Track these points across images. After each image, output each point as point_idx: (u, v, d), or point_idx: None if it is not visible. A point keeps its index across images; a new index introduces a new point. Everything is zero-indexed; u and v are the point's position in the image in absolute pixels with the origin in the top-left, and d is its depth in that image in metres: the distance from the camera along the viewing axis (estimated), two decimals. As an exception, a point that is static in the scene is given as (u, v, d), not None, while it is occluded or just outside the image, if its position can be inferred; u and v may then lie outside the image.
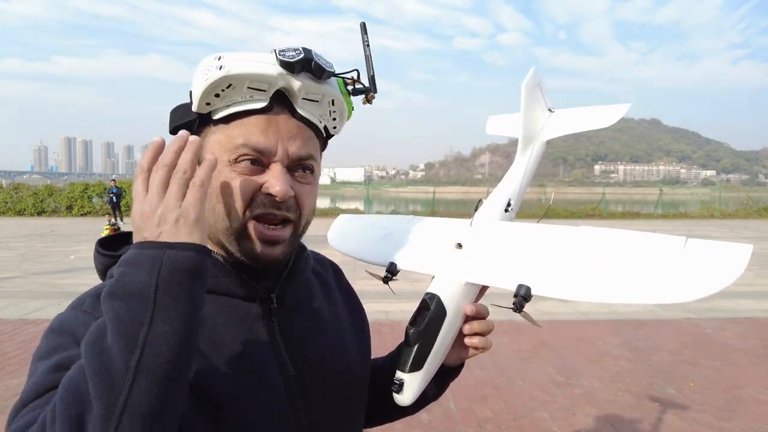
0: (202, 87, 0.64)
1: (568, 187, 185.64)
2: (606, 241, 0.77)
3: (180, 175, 0.56)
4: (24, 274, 8.12)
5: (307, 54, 0.65)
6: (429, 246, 0.94)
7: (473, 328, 0.83)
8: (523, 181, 1.05)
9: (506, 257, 0.83)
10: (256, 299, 0.73)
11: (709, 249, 0.68)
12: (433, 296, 0.80)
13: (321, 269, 0.91)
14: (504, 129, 1.25)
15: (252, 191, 0.67)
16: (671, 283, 0.67)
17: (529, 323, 0.81)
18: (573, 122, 1.13)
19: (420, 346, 0.78)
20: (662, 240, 0.72)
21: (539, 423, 3.24)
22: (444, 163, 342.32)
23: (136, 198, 0.56)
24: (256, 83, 0.64)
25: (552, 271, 0.77)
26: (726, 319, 5.74)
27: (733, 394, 3.69)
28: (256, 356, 0.70)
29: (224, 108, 0.66)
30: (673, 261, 0.69)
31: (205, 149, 0.69)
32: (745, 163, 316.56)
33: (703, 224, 18.29)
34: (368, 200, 24.25)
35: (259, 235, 0.68)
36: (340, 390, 0.78)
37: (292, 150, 0.67)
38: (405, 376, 0.79)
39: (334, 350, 0.79)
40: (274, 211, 0.67)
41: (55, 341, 0.61)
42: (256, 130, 0.66)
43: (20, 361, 4.15)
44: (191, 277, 0.52)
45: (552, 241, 0.81)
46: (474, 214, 0.94)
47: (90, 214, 20.54)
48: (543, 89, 1.14)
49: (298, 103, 0.68)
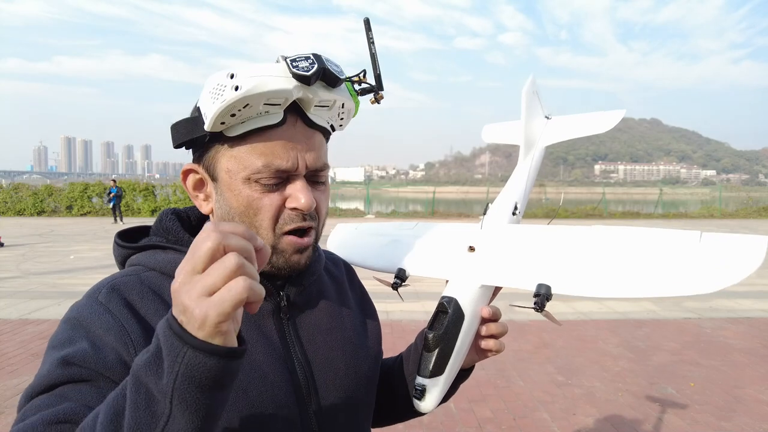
0: (217, 108, 0.61)
1: (569, 187, 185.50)
2: (621, 239, 0.77)
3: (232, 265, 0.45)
4: (24, 274, 8.12)
5: (320, 63, 0.64)
6: (438, 251, 0.94)
7: (490, 330, 0.84)
8: (527, 184, 1.07)
9: (521, 258, 0.83)
10: (267, 297, 0.73)
11: (725, 242, 0.69)
12: (450, 300, 0.80)
13: (333, 268, 0.91)
14: (500, 137, 1.28)
15: (277, 208, 0.68)
16: (692, 275, 0.67)
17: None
18: (570, 128, 1.16)
19: (440, 351, 0.78)
20: (678, 235, 0.73)
21: (539, 423, 3.24)
22: (444, 162, 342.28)
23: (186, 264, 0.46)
24: (273, 99, 0.63)
25: (570, 269, 0.77)
26: (726, 318, 5.73)
27: (733, 394, 3.69)
28: (265, 354, 0.70)
29: (239, 125, 0.65)
30: (691, 254, 0.69)
31: (220, 166, 0.68)
32: (745, 162, 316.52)
33: (703, 224, 18.28)
34: (368, 200, 24.23)
35: (293, 247, 0.69)
36: (349, 390, 0.78)
37: (310, 161, 0.68)
38: (427, 382, 0.78)
39: (344, 350, 0.79)
40: (302, 224, 0.69)
41: (67, 333, 0.62)
42: (275, 149, 0.65)
43: (20, 361, 4.15)
44: (209, 389, 0.47)
45: (566, 241, 0.82)
46: (483, 218, 0.96)
47: (90, 214, 20.54)
48: (540, 97, 1.17)
49: (311, 111, 0.68)
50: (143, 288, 0.67)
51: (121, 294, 0.66)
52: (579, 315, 5.79)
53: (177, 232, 0.74)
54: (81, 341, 0.60)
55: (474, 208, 24.39)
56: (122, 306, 0.64)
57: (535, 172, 1.12)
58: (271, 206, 0.67)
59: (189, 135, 0.68)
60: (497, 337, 0.85)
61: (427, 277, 0.93)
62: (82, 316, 0.63)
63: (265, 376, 0.69)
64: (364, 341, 0.85)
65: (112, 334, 0.61)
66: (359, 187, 36.80)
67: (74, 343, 0.60)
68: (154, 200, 21.16)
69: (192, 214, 0.80)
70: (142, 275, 0.69)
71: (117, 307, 0.64)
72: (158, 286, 0.68)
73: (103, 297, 0.65)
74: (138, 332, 0.62)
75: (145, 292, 0.67)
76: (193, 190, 0.73)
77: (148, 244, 0.74)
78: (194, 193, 0.73)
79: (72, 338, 0.61)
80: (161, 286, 0.69)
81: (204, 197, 0.73)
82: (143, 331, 0.63)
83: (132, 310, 0.64)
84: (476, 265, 0.86)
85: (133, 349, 0.61)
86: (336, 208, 22.69)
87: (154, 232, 0.77)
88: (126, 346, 0.61)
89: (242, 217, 0.67)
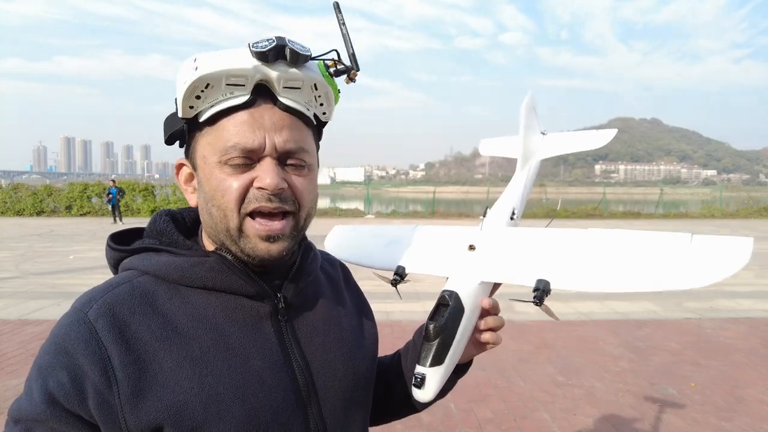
0: (182, 91, 0.64)
1: (569, 187, 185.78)
2: (617, 240, 0.82)
3: None
4: (23, 274, 8.11)
5: (280, 41, 0.64)
6: (438, 250, 0.98)
7: (488, 323, 0.86)
8: (523, 192, 1.13)
9: (520, 257, 0.88)
10: (264, 298, 0.72)
11: (715, 242, 0.74)
12: (451, 293, 0.82)
13: (330, 268, 0.90)
14: (497, 150, 1.37)
15: (244, 188, 0.66)
16: (684, 271, 0.73)
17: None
18: (564, 144, 1.25)
19: (441, 341, 0.80)
20: (670, 236, 0.78)
21: (540, 423, 3.24)
22: (444, 162, 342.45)
23: None
24: (234, 79, 0.63)
25: (568, 266, 0.81)
26: (726, 319, 5.73)
27: (733, 394, 3.69)
28: (263, 358, 0.69)
29: (208, 109, 0.66)
30: (683, 253, 0.75)
31: (197, 154, 0.68)
32: (746, 162, 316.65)
33: (703, 224, 18.29)
34: (368, 200, 24.23)
35: (255, 231, 0.67)
36: (348, 391, 0.78)
37: (279, 142, 0.66)
38: (427, 371, 0.80)
39: (342, 351, 0.79)
40: (266, 204, 0.66)
41: (50, 358, 0.62)
42: (242, 128, 0.65)
43: (20, 362, 4.15)
44: None
45: (564, 242, 0.86)
46: (483, 220, 1.00)
47: (89, 214, 20.54)
48: (537, 113, 1.25)
49: (280, 93, 0.66)
50: (134, 301, 0.66)
51: (112, 310, 0.64)
52: (579, 315, 5.79)
53: (171, 234, 0.73)
54: (61, 371, 0.60)
55: (474, 208, 24.38)
56: (111, 328, 0.62)
57: (531, 183, 1.19)
58: (238, 187, 0.65)
59: (172, 127, 0.70)
60: (495, 330, 0.87)
61: (426, 275, 0.95)
62: (68, 339, 0.62)
63: (263, 381, 0.68)
64: (361, 342, 0.84)
65: (96, 368, 0.60)
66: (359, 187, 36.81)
67: (55, 372, 0.61)
68: (153, 200, 21.16)
69: (187, 216, 0.80)
70: (135, 281, 0.68)
71: (105, 328, 0.62)
72: (151, 293, 0.67)
73: (93, 314, 0.63)
74: (122, 364, 0.61)
75: (136, 306, 0.65)
76: (184, 183, 0.74)
77: (141, 246, 0.73)
78: (185, 187, 0.74)
79: (54, 365, 0.61)
80: (154, 292, 0.68)
81: (192, 190, 0.73)
82: (129, 358, 0.62)
83: (121, 334, 0.63)
84: (476, 262, 0.90)
85: (116, 387, 0.60)
86: (336, 208, 22.68)
87: (148, 234, 0.76)
88: (109, 383, 0.60)
89: (213, 201, 0.67)
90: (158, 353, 0.63)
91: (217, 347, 0.66)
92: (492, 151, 1.37)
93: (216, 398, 0.64)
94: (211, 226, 0.69)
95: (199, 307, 0.68)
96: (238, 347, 0.68)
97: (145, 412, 0.61)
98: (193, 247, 0.73)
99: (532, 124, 1.21)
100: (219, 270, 0.69)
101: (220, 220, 0.67)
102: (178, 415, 0.62)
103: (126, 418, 0.60)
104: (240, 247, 0.68)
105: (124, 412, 0.60)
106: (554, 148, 1.24)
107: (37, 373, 0.62)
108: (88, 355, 0.61)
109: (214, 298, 0.69)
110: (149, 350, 0.63)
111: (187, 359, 0.64)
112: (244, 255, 0.68)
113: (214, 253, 0.71)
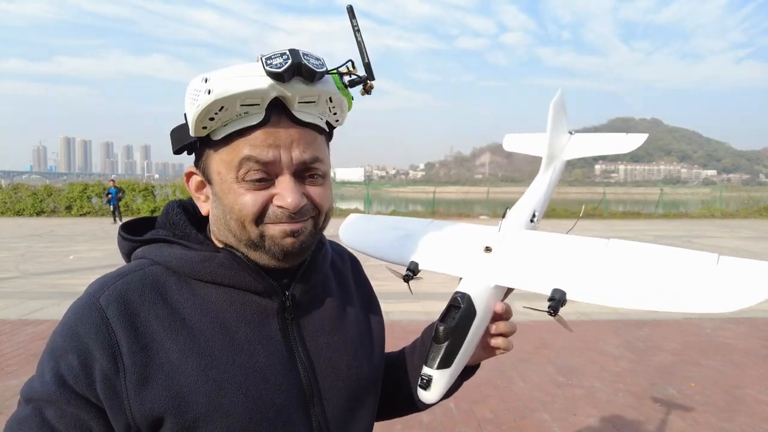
0: (194, 113, 0.62)
1: (569, 187, 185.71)
2: (639, 254, 0.78)
3: None
4: (23, 274, 8.11)
5: (296, 58, 0.61)
6: (454, 248, 0.95)
7: (499, 329, 0.84)
8: (546, 194, 1.09)
9: (537, 263, 0.85)
10: (272, 295, 0.72)
11: (742, 265, 0.70)
12: (464, 295, 0.80)
13: (339, 262, 0.90)
14: (522, 147, 1.30)
15: (263, 204, 0.66)
16: (708, 294, 0.69)
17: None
18: (593, 146, 1.20)
19: (450, 344, 0.78)
20: (695, 255, 0.74)
21: (540, 423, 3.24)
22: (444, 162, 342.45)
23: None
24: (249, 99, 0.62)
25: (586, 277, 0.78)
26: (726, 319, 5.72)
27: (734, 394, 3.68)
28: (268, 356, 0.70)
29: (221, 129, 0.65)
30: (708, 274, 0.71)
31: (211, 170, 0.68)
32: (745, 162, 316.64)
33: (703, 224, 18.28)
34: (368, 200, 24.21)
35: (279, 230, 0.67)
36: (352, 392, 0.78)
37: (296, 156, 0.66)
38: (434, 373, 0.79)
39: (347, 351, 0.79)
40: (289, 222, 0.67)
41: (62, 341, 0.64)
42: (258, 146, 0.64)
43: (19, 362, 4.14)
44: None
45: (584, 251, 0.83)
46: (501, 221, 0.97)
47: (89, 214, 20.52)
48: (566, 112, 1.19)
49: (295, 108, 0.65)
50: (145, 290, 0.67)
51: (123, 297, 0.65)
52: (579, 315, 5.79)
53: (184, 227, 0.75)
54: (72, 355, 0.62)
55: (474, 208, 24.32)
56: (121, 315, 0.64)
57: (555, 184, 1.14)
58: (256, 201, 0.66)
59: (181, 141, 0.69)
60: (506, 336, 0.85)
61: (440, 273, 0.92)
62: (79, 324, 0.64)
63: (267, 378, 0.68)
64: (368, 342, 0.84)
65: (105, 353, 0.62)
66: (359, 187, 36.78)
67: (66, 355, 0.63)
68: (153, 200, 21.15)
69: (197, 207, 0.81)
70: (147, 270, 0.69)
71: (115, 315, 0.64)
72: (162, 283, 0.69)
73: (104, 300, 0.65)
74: (130, 351, 0.63)
75: (146, 294, 0.67)
76: (195, 191, 0.74)
77: (154, 237, 0.74)
78: (196, 195, 0.75)
79: (65, 348, 0.63)
80: (165, 282, 0.69)
81: (204, 198, 0.74)
82: (137, 345, 0.63)
83: (130, 321, 0.64)
84: (492, 265, 0.87)
85: (123, 373, 0.62)
86: (336, 209, 22.64)
87: (161, 225, 0.77)
88: (117, 368, 0.62)
89: (231, 214, 0.67)
90: (165, 343, 0.64)
91: (222, 341, 0.67)
92: (516, 147, 1.31)
93: (219, 392, 0.64)
94: (227, 235, 0.70)
95: (208, 301, 0.69)
96: (243, 343, 0.68)
97: (149, 400, 0.62)
98: (204, 242, 0.74)
99: (560, 122, 1.15)
100: (229, 266, 0.70)
101: (239, 232, 0.68)
102: (180, 405, 0.62)
103: (131, 404, 0.62)
104: (264, 250, 0.68)
105: (129, 398, 0.61)
106: (581, 149, 1.19)
107: (50, 355, 0.64)
108: (98, 340, 0.62)
109: (222, 292, 0.70)
110: (157, 339, 0.64)
111: (192, 351, 0.65)
112: (268, 255, 0.69)
113: (224, 249, 0.72)
